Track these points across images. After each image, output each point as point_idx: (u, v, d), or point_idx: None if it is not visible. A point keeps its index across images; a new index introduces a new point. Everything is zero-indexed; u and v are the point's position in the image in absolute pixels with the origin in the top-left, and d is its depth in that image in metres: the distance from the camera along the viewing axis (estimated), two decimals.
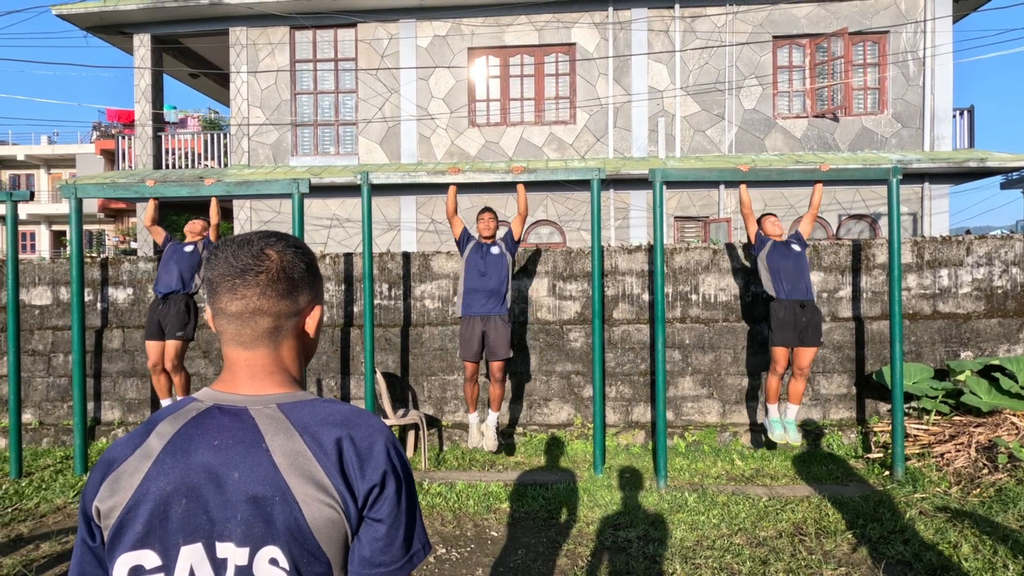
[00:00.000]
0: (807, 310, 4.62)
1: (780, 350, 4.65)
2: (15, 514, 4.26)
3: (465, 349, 4.78)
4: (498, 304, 4.74)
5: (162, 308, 5.07)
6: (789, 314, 4.61)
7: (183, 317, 5.05)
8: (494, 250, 4.80)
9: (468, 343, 4.76)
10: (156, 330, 5.08)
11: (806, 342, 4.62)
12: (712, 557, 3.40)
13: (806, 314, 4.61)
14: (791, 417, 4.79)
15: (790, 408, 4.81)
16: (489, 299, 4.72)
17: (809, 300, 4.65)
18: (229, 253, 0.94)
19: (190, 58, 14.33)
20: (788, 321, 4.60)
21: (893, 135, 11.44)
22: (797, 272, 4.66)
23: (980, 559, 3.25)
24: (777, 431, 4.76)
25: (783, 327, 4.60)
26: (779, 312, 4.64)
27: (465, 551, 3.62)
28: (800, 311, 4.61)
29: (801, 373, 4.71)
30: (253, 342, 0.94)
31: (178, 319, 5.03)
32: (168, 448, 0.87)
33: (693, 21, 11.62)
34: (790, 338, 4.61)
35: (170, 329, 5.03)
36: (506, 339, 4.74)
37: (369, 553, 0.87)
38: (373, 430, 0.91)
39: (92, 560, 0.89)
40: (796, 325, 4.60)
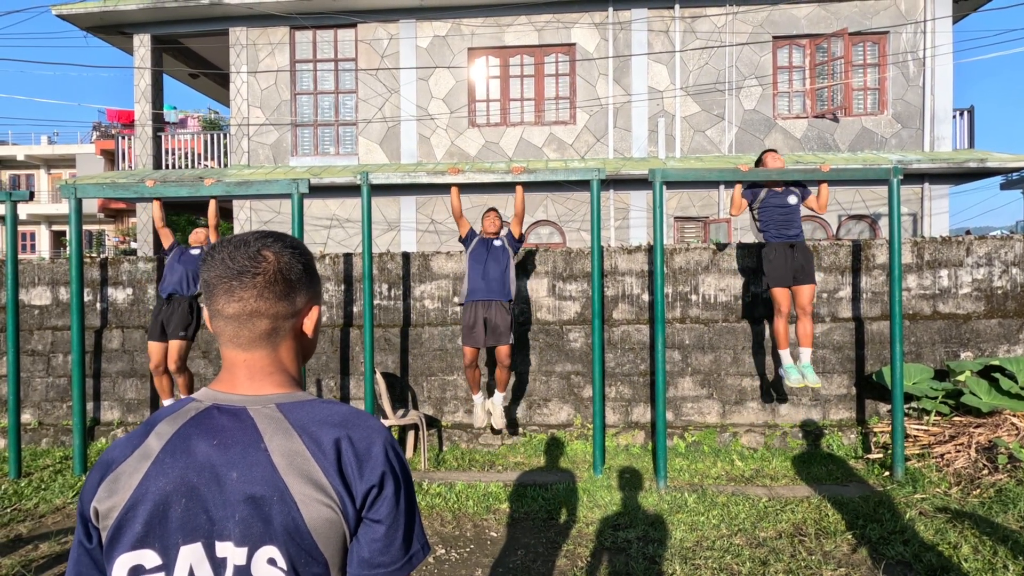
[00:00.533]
0: (796, 249, 4.74)
1: (778, 290, 4.75)
2: (14, 514, 4.26)
3: (467, 335, 4.87)
4: (500, 291, 4.86)
5: (166, 309, 5.08)
6: (780, 255, 4.73)
7: (186, 318, 5.06)
8: (497, 243, 4.97)
9: (471, 329, 4.85)
10: (159, 331, 5.09)
11: (800, 280, 4.72)
12: (712, 558, 3.40)
13: (796, 253, 4.73)
14: (806, 360, 4.80)
15: (803, 352, 4.83)
16: (491, 285, 4.85)
17: (799, 241, 4.77)
18: (225, 254, 0.93)
19: (190, 58, 14.34)
20: (779, 262, 4.72)
21: (893, 135, 11.44)
22: (788, 219, 4.78)
23: (980, 560, 3.25)
24: (794, 376, 4.78)
25: (776, 268, 4.73)
26: (770, 255, 4.78)
27: (464, 551, 3.62)
28: (790, 251, 4.73)
29: (805, 313, 4.77)
30: (251, 344, 0.93)
31: (181, 320, 5.04)
32: (167, 448, 0.87)
33: (693, 21, 11.62)
34: (784, 277, 4.72)
35: (173, 330, 5.04)
36: (508, 324, 4.84)
37: (368, 554, 0.87)
38: (372, 431, 0.91)
39: (89, 562, 0.88)
40: (788, 265, 4.71)
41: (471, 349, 4.90)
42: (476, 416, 5.11)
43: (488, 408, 5.10)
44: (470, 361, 4.95)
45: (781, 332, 4.80)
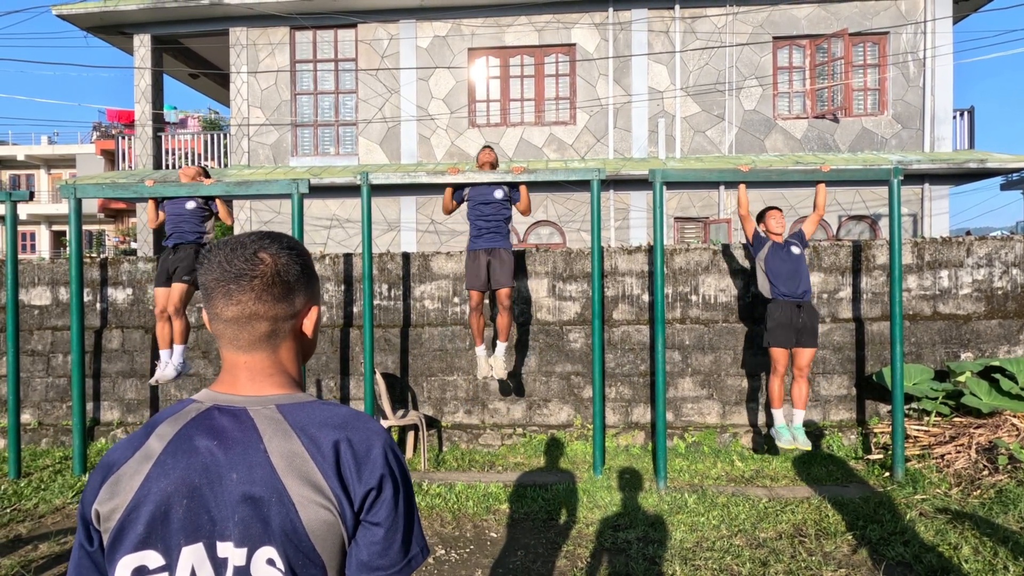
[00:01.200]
0: (803, 311, 4.62)
1: (778, 351, 4.65)
2: (14, 514, 4.25)
3: (471, 278, 4.95)
4: (502, 238, 4.96)
5: (172, 257, 5.04)
6: (785, 315, 4.60)
7: (192, 263, 5.00)
8: (497, 194, 4.97)
9: (474, 273, 4.93)
10: (165, 278, 5.05)
11: (803, 343, 4.62)
12: (712, 558, 3.39)
13: (802, 315, 4.61)
14: (798, 423, 4.75)
15: (797, 414, 4.77)
16: (492, 233, 4.93)
17: (806, 301, 4.65)
18: (223, 257, 0.93)
19: (190, 58, 14.34)
20: (784, 322, 4.60)
21: (893, 136, 11.44)
22: (795, 275, 4.65)
23: (980, 561, 3.24)
24: (786, 437, 4.73)
25: (779, 328, 4.61)
26: (775, 313, 4.64)
27: (464, 552, 3.62)
28: (796, 312, 4.61)
29: (801, 375, 4.70)
30: (251, 346, 0.93)
31: (187, 264, 5.00)
32: (168, 449, 0.87)
33: (693, 22, 11.62)
34: (786, 339, 4.61)
35: (178, 273, 4.98)
36: (510, 268, 4.92)
37: (367, 557, 0.87)
38: (371, 433, 0.91)
39: (90, 565, 0.88)
40: (792, 326, 4.60)
41: (476, 293, 4.96)
42: (479, 368, 5.11)
43: (491, 362, 5.12)
44: (476, 303, 5.00)
45: (776, 391, 4.73)
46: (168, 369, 5.06)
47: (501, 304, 4.99)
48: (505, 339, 5.12)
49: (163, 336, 5.13)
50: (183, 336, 5.10)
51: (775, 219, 4.82)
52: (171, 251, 5.09)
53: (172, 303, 4.99)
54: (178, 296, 4.99)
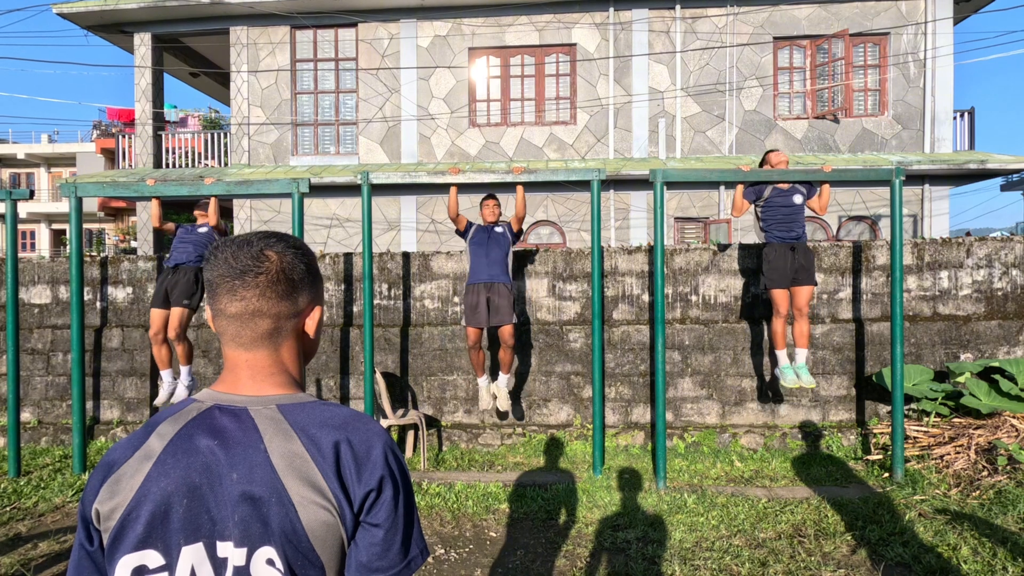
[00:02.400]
0: (798, 251, 4.72)
1: (777, 292, 4.74)
2: (13, 513, 4.26)
3: (470, 314, 4.95)
4: (501, 272, 4.96)
5: (171, 278, 5.09)
6: (780, 256, 4.71)
7: (191, 287, 5.06)
8: (497, 229, 5.07)
9: (474, 309, 4.93)
10: (162, 299, 5.09)
11: (800, 281, 4.71)
12: (711, 558, 3.40)
13: (797, 254, 4.71)
14: (801, 361, 4.80)
15: (799, 352, 4.83)
16: (492, 268, 4.94)
17: (800, 243, 4.75)
18: (228, 254, 0.94)
19: (191, 57, 14.33)
20: (780, 263, 4.70)
21: (893, 137, 11.44)
22: (792, 219, 4.75)
23: (979, 561, 3.25)
24: (789, 376, 4.78)
25: (776, 269, 4.71)
26: (771, 255, 4.76)
27: (464, 552, 3.62)
28: (791, 253, 4.71)
29: (802, 314, 4.77)
30: (253, 343, 0.93)
31: (185, 288, 5.04)
32: (169, 448, 0.87)
33: (694, 22, 11.61)
34: (783, 279, 4.70)
35: (176, 297, 5.02)
36: (510, 304, 4.92)
37: (366, 558, 0.87)
38: (371, 434, 0.91)
39: (90, 565, 0.88)
40: (788, 266, 4.70)
41: (474, 330, 4.96)
42: (481, 399, 5.15)
43: (493, 392, 5.13)
44: (474, 342, 5.01)
45: (779, 332, 4.81)
46: (179, 389, 5.16)
47: (504, 342, 5.00)
48: (507, 372, 5.14)
49: (161, 358, 5.18)
50: (188, 357, 5.16)
51: (776, 156, 4.86)
52: (171, 271, 5.12)
53: (172, 328, 5.04)
54: (178, 321, 5.03)
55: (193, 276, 5.10)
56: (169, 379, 5.22)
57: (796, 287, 4.73)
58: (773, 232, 4.79)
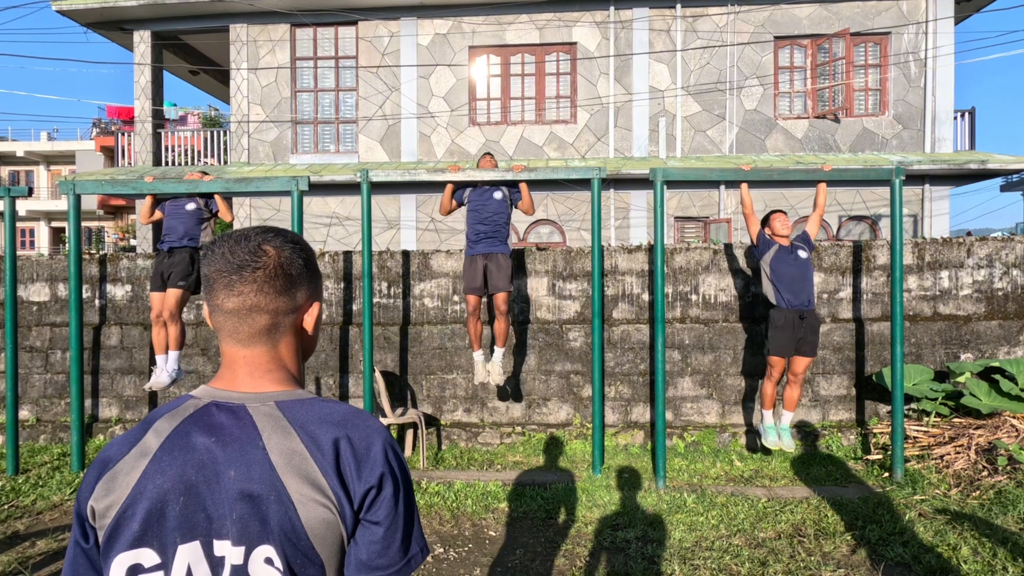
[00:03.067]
0: (806, 321, 4.56)
1: (776, 359, 4.63)
2: (11, 511, 4.25)
3: (469, 282, 4.94)
4: (500, 243, 4.92)
5: (167, 261, 5.05)
6: (787, 324, 4.55)
7: (187, 268, 5.02)
8: (496, 195, 4.92)
9: (472, 277, 4.91)
10: (160, 282, 5.06)
11: (802, 352, 4.60)
12: (711, 558, 3.39)
13: (805, 324, 4.55)
14: (786, 424, 4.76)
15: (785, 415, 4.78)
16: (490, 238, 4.90)
17: (809, 310, 4.58)
18: (226, 249, 0.93)
19: (190, 55, 14.31)
20: (786, 331, 4.55)
21: (894, 136, 11.44)
22: (801, 282, 4.57)
23: (979, 561, 3.24)
24: (771, 437, 4.75)
25: (780, 336, 4.56)
26: (778, 320, 4.58)
27: (463, 551, 3.61)
28: (799, 322, 4.55)
29: (796, 380, 4.70)
30: (251, 339, 0.93)
31: (181, 269, 5.00)
32: (165, 446, 0.86)
33: (694, 21, 11.60)
34: (787, 347, 4.57)
35: (172, 278, 4.98)
36: (508, 273, 4.89)
37: (366, 556, 0.86)
38: (371, 431, 0.90)
39: (85, 563, 0.87)
40: (794, 335, 4.56)
41: (474, 297, 4.94)
42: (477, 372, 5.10)
43: (488, 368, 5.10)
44: (473, 308, 4.98)
45: (768, 395, 4.74)
46: (162, 376, 5.06)
47: (498, 309, 4.96)
48: (503, 344, 5.10)
49: (159, 341, 5.14)
50: (178, 342, 5.10)
51: (780, 222, 4.71)
52: (166, 255, 5.09)
53: (168, 308, 4.99)
54: (173, 301, 4.99)
55: (188, 257, 5.04)
56: (162, 364, 5.16)
57: (796, 356, 4.62)
58: (783, 296, 4.58)
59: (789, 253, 4.63)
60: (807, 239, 4.80)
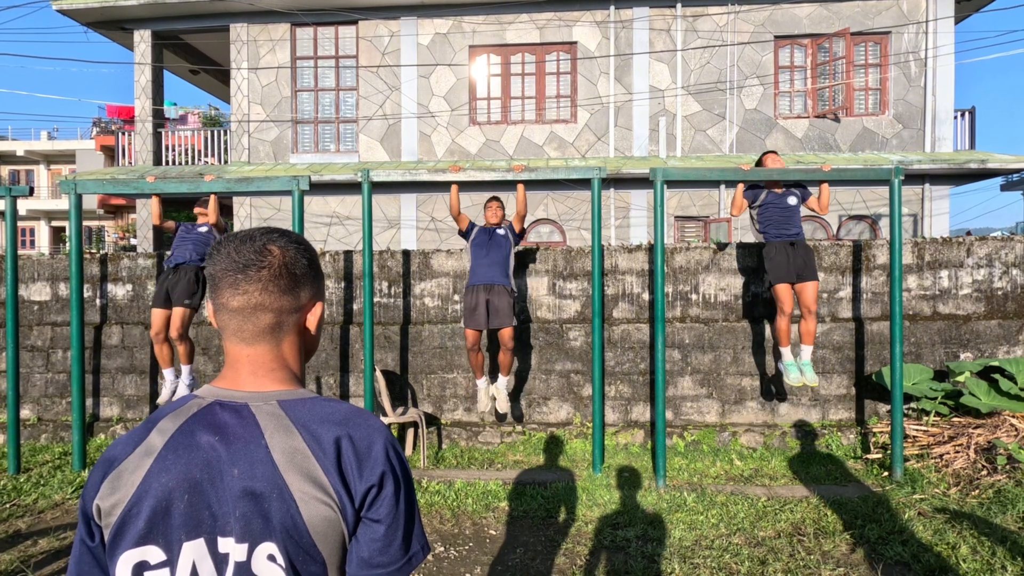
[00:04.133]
0: (797, 247, 4.74)
1: (780, 287, 4.73)
2: (13, 510, 4.26)
3: (469, 318, 4.93)
4: (501, 275, 4.93)
5: (172, 278, 5.12)
6: (781, 253, 4.73)
7: (191, 286, 5.09)
8: (499, 232, 5.04)
9: (473, 311, 4.91)
10: (163, 299, 5.12)
11: (804, 277, 4.71)
12: (711, 557, 3.40)
13: (797, 250, 4.73)
14: (806, 358, 4.79)
15: (804, 349, 4.81)
16: (492, 270, 4.91)
17: (800, 240, 4.76)
18: (231, 248, 0.94)
19: (191, 54, 14.31)
20: (781, 260, 4.72)
21: (894, 136, 11.44)
22: (788, 219, 4.77)
23: (978, 560, 3.25)
24: (793, 374, 4.76)
25: (777, 265, 4.73)
26: (771, 252, 4.78)
27: (463, 549, 3.62)
28: (791, 249, 4.73)
29: (809, 311, 4.75)
30: (255, 338, 0.94)
31: (186, 288, 5.07)
32: (170, 445, 0.87)
33: (695, 20, 11.60)
34: (787, 273, 4.70)
35: (177, 297, 5.06)
36: (509, 307, 4.90)
37: (367, 554, 0.87)
38: (372, 430, 0.91)
39: (91, 561, 0.88)
40: (790, 261, 4.71)
41: (473, 332, 4.95)
42: (480, 401, 5.15)
43: (492, 393, 5.13)
44: (472, 344, 4.99)
45: (783, 329, 4.80)
46: (181, 388, 5.22)
47: (503, 345, 5.00)
48: (507, 373, 5.14)
49: (163, 356, 5.23)
50: (189, 357, 5.20)
51: (772, 159, 4.86)
52: (171, 271, 5.15)
53: (175, 328, 5.08)
54: (180, 321, 5.07)
55: (194, 275, 5.12)
56: (171, 377, 5.25)
57: (801, 284, 4.73)
58: (771, 232, 4.81)
59: (781, 198, 4.79)
60: (804, 189, 4.87)
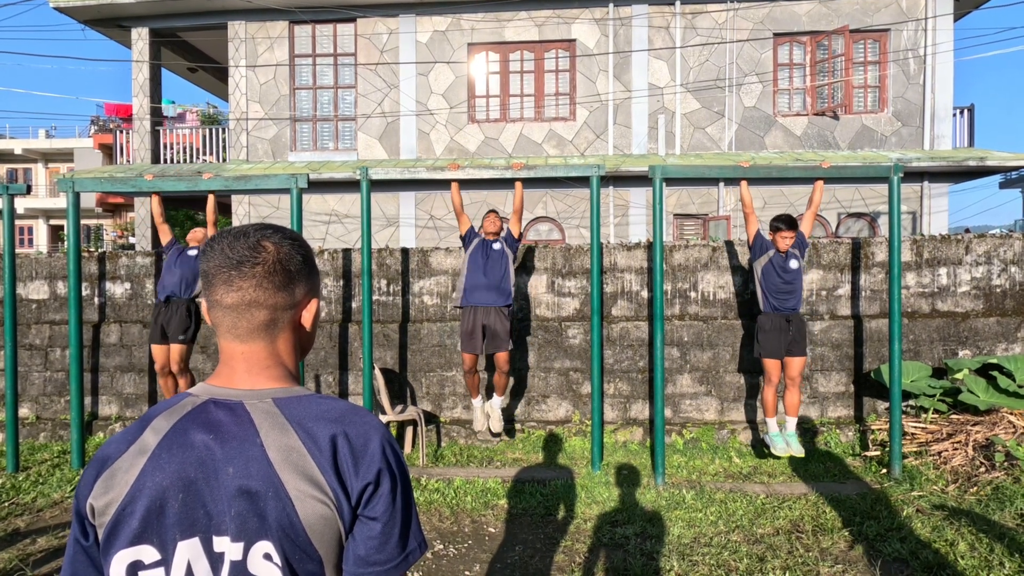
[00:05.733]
0: (792, 323, 4.68)
1: (769, 362, 4.71)
2: (12, 508, 4.25)
3: (466, 341, 4.89)
4: (500, 297, 4.87)
5: (164, 312, 5.13)
6: (775, 327, 4.68)
7: (184, 321, 5.11)
8: (496, 246, 4.96)
9: (469, 335, 4.86)
10: (160, 334, 5.15)
11: (793, 352, 4.68)
12: (709, 554, 3.40)
13: (791, 327, 4.67)
14: (791, 430, 4.78)
15: (789, 421, 4.80)
16: (490, 292, 4.85)
17: (795, 314, 4.70)
18: (225, 244, 0.93)
19: (188, 52, 14.27)
20: (773, 333, 4.67)
21: (893, 133, 11.43)
22: (788, 292, 4.69)
23: (976, 557, 3.25)
24: (780, 445, 4.76)
25: (769, 340, 4.68)
26: (765, 324, 4.72)
27: (463, 547, 3.62)
28: (786, 324, 4.67)
29: (793, 383, 4.75)
30: (249, 335, 0.93)
31: (180, 323, 5.09)
32: (164, 443, 0.86)
33: (694, 18, 11.58)
34: (776, 349, 4.67)
35: (172, 333, 5.10)
36: (506, 330, 4.86)
37: (364, 552, 0.86)
38: (368, 427, 0.90)
39: (85, 560, 0.88)
40: (781, 337, 4.66)
41: (470, 356, 4.92)
42: (476, 420, 5.15)
43: (487, 411, 5.12)
44: (469, 367, 4.98)
45: (769, 401, 4.78)
46: None
47: (499, 368, 4.98)
48: (502, 394, 5.12)
49: (168, 389, 5.30)
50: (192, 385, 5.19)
51: (783, 240, 4.67)
52: (163, 305, 5.14)
53: (174, 363, 5.12)
54: (178, 356, 5.11)
55: (185, 310, 5.14)
56: None
57: (789, 358, 4.69)
58: (769, 300, 4.71)
59: (783, 261, 4.69)
60: (802, 242, 4.80)
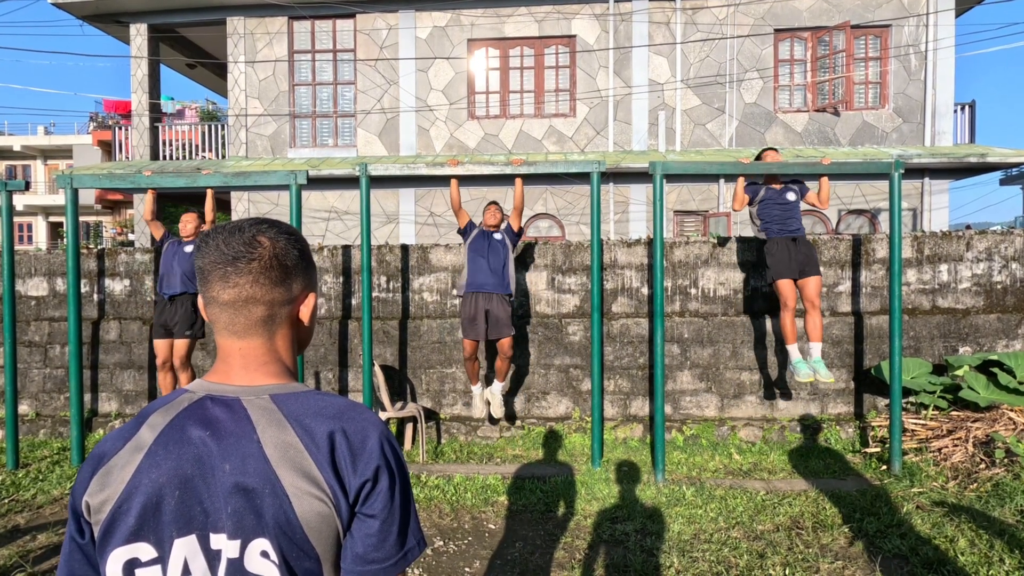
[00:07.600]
0: (799, 243, 4.71)
1: (782, 283, 4.70)
2: (12, 505, 4.25)
3: (468, 327, 4.89)
4: (500, 283, 4.89)
5: (169, 310, 5.10)
6: (782, 249, 4.71)
7: (191, 317, 5.09)
8: (496, 236, 4.99)
9: (471, 321, 4.87)
10: (164, 331, 5.13)
11: (806, 272, 4.68)
12: (709, 550, 3.40)
13: (799, 246, 4.70)
14: (817, 355, 4.72)
15: (813, 347, 4.76)
16: (491, 279, 4.87)
17: (800, 235, 4.74)
18: (220, 240, 0.92)
19: (187, 48, 14.23)
20: (782, 256, 4.69)
21: (894, 130, 11.41)
22: (788, 215, 4.75)
23: (976, 553, 3.25)
24: (804, 371, 4.65)
25: (779, 261, 4.70)
26: (772, 249, 4.76)
27: (463, 544, 3.62)
28: (792, 245, 4.71)
29: (813, 306, 4.71)
30: (246, 331, 0.92)
31: (186, 319, 5.07)
32: (160, 440, 0.86)
33: (694, 13, 11.55)
34: (788, 269, 4.68)
35: (179, 329, 5.07)
36: (508, 316, 4.88)
37: (362, 549, 0.85)
38: (367, 424, 0.89)
39: (81, 558, 0.87)
40: (792, 257, 4.68)
41: (471, 342, 4.92)
42: (475, 407, 5.16)
43: (487, 398, 5.13)
44: (470, 354, 4.97)
45: (788, 327, 4.73)
46: None
47: (502, 353, 4.99)
48: (503, 379, 5.13)
49: (167, 385, 5.27)
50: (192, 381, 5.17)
51: (772, 157, 4.82)
52: (167, 303, 5.11)
53: (178, 358, 5.09)
54: (184, 350, 5.08)
55: (191, 305, 5.11)
56: None
57: (803, 279, 4.69)
58: (772, 228, 4.78)
59: (779, 195, 4.76)
60: (802, 185, 4.85)
